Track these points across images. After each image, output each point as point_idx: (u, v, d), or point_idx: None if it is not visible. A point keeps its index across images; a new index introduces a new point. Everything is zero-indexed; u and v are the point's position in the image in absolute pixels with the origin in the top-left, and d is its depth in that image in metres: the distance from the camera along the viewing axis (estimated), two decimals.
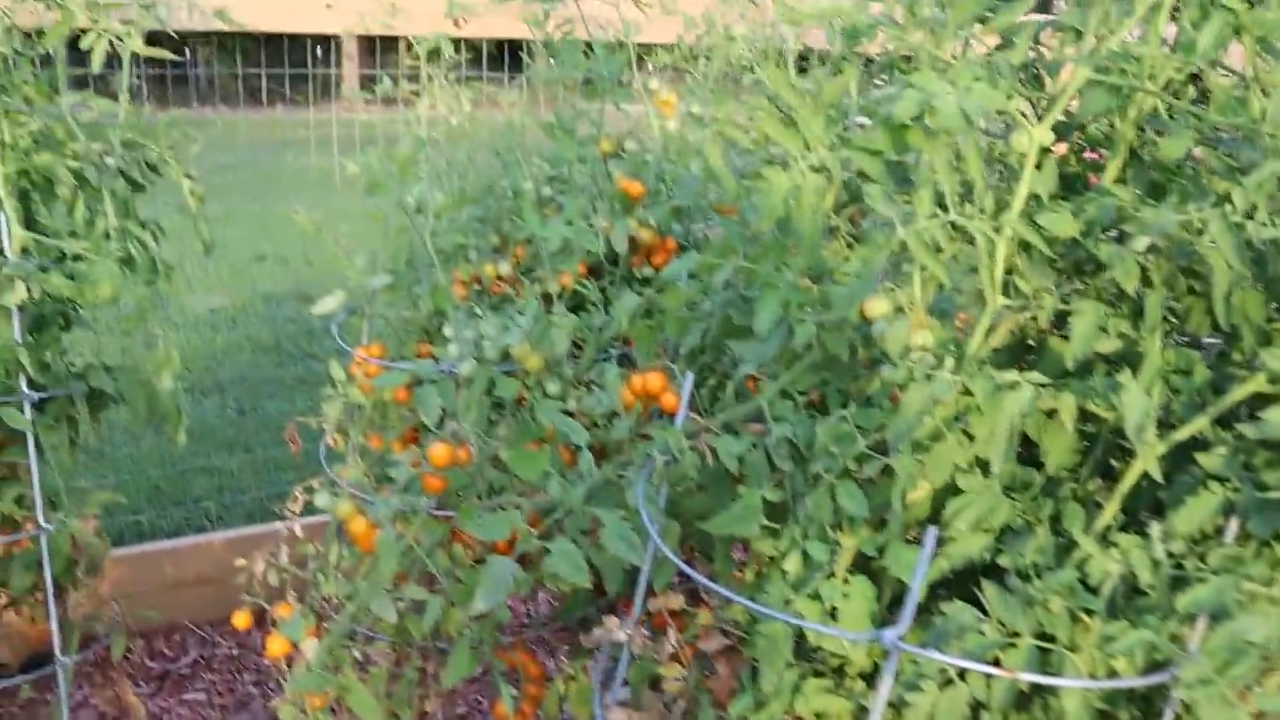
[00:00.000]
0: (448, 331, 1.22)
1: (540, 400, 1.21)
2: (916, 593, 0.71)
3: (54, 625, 1.70)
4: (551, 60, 1.90)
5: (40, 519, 1.64)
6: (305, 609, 1.47)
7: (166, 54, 1.68)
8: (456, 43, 2.01)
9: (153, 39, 1.76)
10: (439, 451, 1.07)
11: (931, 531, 0.72)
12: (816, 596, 0.92)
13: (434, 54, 1.95)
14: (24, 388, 1.61)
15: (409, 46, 2.01)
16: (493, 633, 1.20)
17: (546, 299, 1.44)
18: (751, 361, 1.05)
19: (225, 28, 2.03)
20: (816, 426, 0.97)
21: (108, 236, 1.64)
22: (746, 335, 1.17)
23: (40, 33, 1.77)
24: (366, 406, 1.64)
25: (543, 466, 1.02)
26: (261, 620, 3.06)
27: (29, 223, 1.66)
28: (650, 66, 2.12)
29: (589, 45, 1.87)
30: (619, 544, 0.97)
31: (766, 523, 0.99)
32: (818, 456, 0.95)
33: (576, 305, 1.58)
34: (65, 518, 1.66)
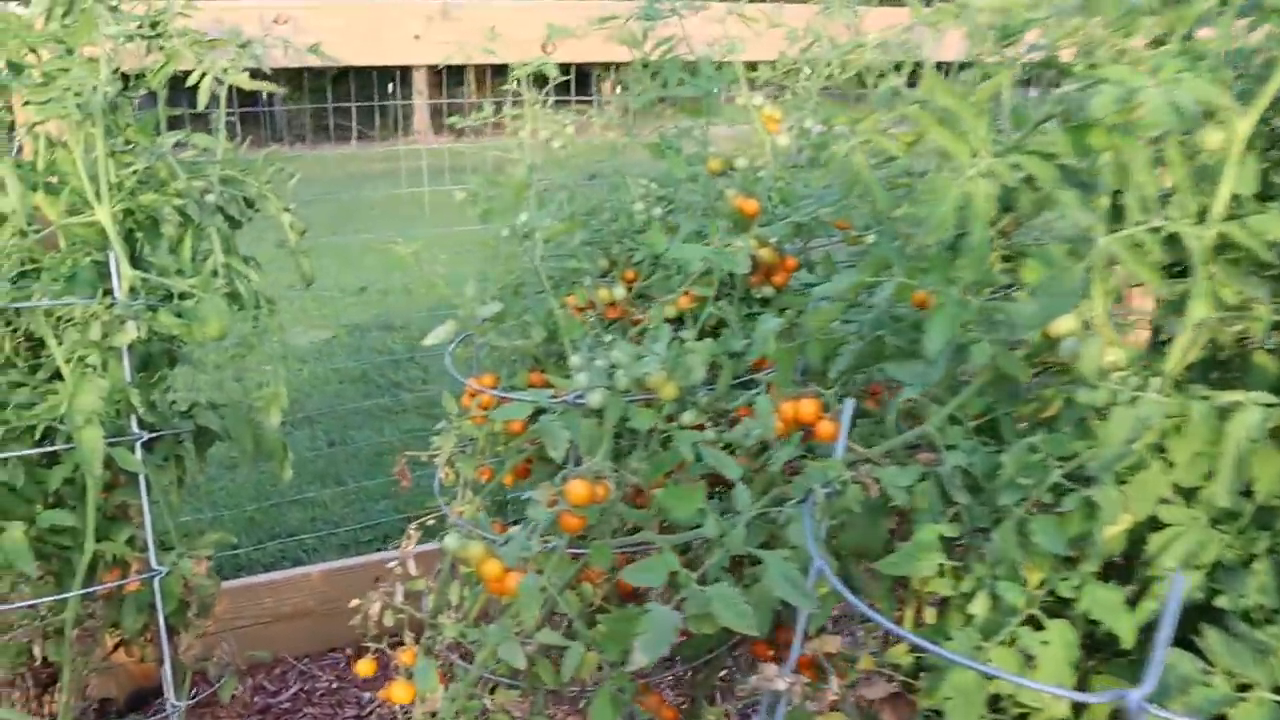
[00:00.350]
0: (575, 360, 1.16)
1: (678, 431, 1.14)
2: (1164, 645, 0.62)
3: (166, 668, 1.67)
4: (619, 84, 1.85)
5: (152, 560, 1.61)
6: (425, 651, 1.42)
7: (272, 86, 1.66)
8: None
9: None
10: (578, 489, 1.01)
11: (1178, 576, 0.63)
12: (1011, 643, 0.84)
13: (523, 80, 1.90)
14: (134, 428, 1.59)
15: (501, 72, 1.97)
16: (633, 679, 1.13)
17: (672, 324, 1.37)
18: (914, 385, 0.98)
19: (317, 63, 2.01)
20: (1001, 455, 0.88)
21: (215, 274, 1.61)
22: (900, 357, 1.09)
23: (141, 75, 1.76)
24: (480, 438, 1.59)
25: (697, 503, 0.95)
26: (362, 653, 3.02)
27: (135, 261, 1.65)
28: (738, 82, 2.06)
29: (688, 64, 1.82)
30: (784, 585, 0.90)
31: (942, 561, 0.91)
32: (1004, 488, 0.86)
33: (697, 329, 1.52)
34: (177, 559, 1.63)
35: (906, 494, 0.94)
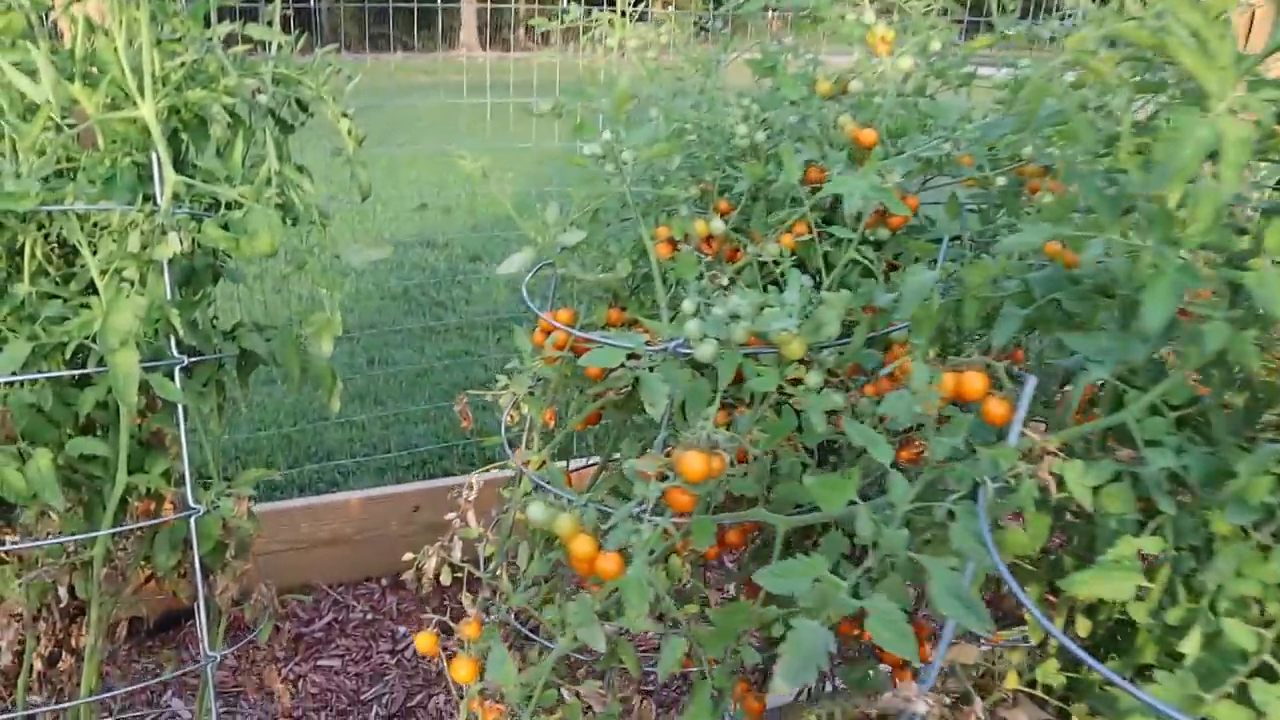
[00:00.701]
0: (687, 305, 1.00)
1: (805, 395, 0.98)
2: None
3: (200, 611, 1.55)
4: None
5: (189, 496, 1.48)
6: (484, 610, 1.28)
7: None
8: None
9: None
10: (694, 463, 0.85)
11: None
12: (1241, 697, 0.68)
13: None
14: (173, 350, 1.45)
15: None
16: (733, 677, 0.99)
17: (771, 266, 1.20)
18: (1106, 364, 0.81)
19: None
20: (1226, 460, 0.72)
21: (269, 182, 1.45)
22: (1069, 326, 0.92)
23: None
24: (552, 380, 1.44)
25: (849, 494, 0.80)
26: (398, 584, 2.91)
27: (179, 165, 1.48)
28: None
29: None
30: (951, 602, 0.74)
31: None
32: (1233, 503, 0.70)
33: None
34: (216, 497, 1.50)
35: (1094, 496, 0.78)
